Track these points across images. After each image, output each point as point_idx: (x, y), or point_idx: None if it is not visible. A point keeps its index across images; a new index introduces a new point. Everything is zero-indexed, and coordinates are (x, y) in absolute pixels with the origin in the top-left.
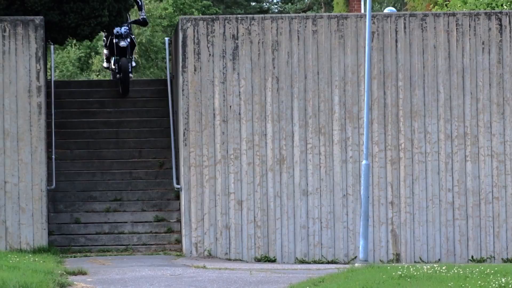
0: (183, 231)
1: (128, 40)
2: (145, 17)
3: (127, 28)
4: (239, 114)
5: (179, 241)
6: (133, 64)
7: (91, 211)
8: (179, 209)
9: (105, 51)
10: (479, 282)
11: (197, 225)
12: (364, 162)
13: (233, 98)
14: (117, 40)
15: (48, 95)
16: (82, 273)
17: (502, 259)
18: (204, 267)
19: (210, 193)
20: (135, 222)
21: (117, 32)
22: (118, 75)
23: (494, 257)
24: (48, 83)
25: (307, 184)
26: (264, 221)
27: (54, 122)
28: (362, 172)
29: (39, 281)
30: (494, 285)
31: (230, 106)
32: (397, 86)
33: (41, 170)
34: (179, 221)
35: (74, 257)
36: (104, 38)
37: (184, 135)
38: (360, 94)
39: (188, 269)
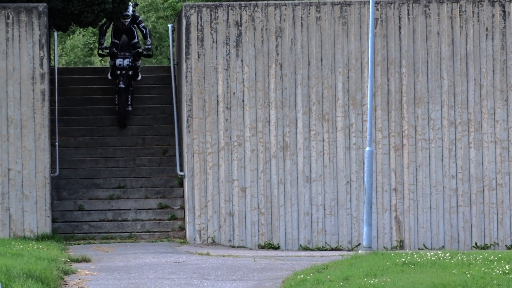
0: (187, 218)
1: (130, 72)
2: (150, 47)
3: (130, 61)
4: (243, 101)
5: (182, 228)
6: (139, 76)
7: (95, 198)
8: (182, 196)
9: (111, 63)
10: (483, 268)
11: (201, 212)
12: (367, 148)
13: (237, 84)
14: (119, 71)
15: (51, 82)
16: (86, 260)
17: (505, 245)
18: (207, 254)
19: (213, 180)
20: (138, 209)
21: (120, 65)
22: (116, 107)
23: (497, 244)
24: (51, 70)
25: (310, 171)
26: (268, 208)
27: (57, 109)
28: (366, 158)
29: (43, 268)
30: (498, 271)
31: (234, 93)
32: (400, 73)
33: (44, 157)
34: (182, 208)
35: (78, 244)
36: (111, 64)
37: (187, 122)
38: (364, 81)
39: (192, 256)
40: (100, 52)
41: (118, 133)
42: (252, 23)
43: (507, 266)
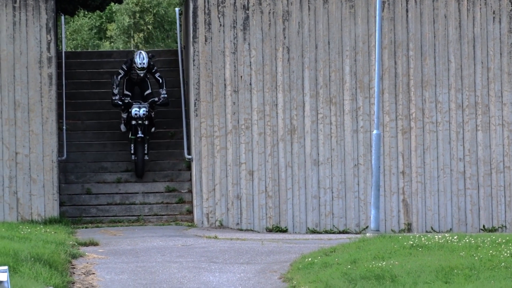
0: (195, 202)
1: (147, 122)
2: (166, 96)
3: (146, 110)
4: (250, 84)
5: (190, 212)
6: (152, 129)
7: (102, 181)
8: (190, 180)
9: (123, 115)
10: (491, 251)
11: (209, 195)
12: (375, 131)
13: (244, 68)
14: (135, 122)
15: (58, 66)
16: (94, 244)
17: None
18: (215, 237)
19: (221, 163)
20: (146, 192)
21: (136, 114)
22: (133, 156)
23: (505, 227)
24: (58, 54)
25: (318, 154)
26: (275, 191)
27: (65, 93)
28: (373, 142)
29: (51, 252)
30: (505, 254)
31: (241, 77)
32: (407, 56)
33: (52, 141)
34: (190, 191)
35: (86, 228)
36: (123, 115)
37: (195, 105)
38: (371, 64)
39: (200, 240)
40: (115, 102)
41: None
42: (259, 6)
43: None
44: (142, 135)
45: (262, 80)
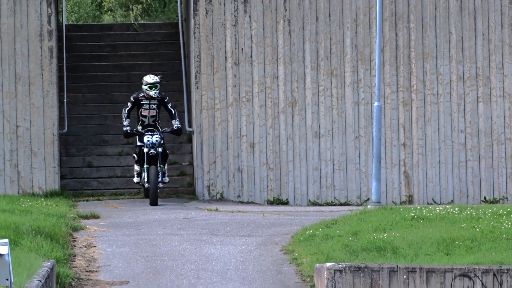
0: (196, 174)
1: (160, 149)
2: (179, 126)
3: (160, 137)
4: (251, 56)
5: (191, 184)
6: (166, 179)
7: (104, 154)
8: (191, 152)
9: (136, 167)
10: (492, 223)
11: (210, 168)
12: (376, 103)
13: (245, 41)
14: (147, 149)
15: (59, 39)
16: (95, 216)
17: None
18: (216, 210)
19: (222, 136)
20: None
21: (148, 141)
22: (147, 185)
23: (507, 198)
24: (59, 27)
25: (319, 126)
26: (277, 163)
27: (65, 66)
28: (374, 114)
29: (52, 225)
30: (507, 225)
31: (242, 49)
32: (408, 28)
33: (53, 114)
34: (191, 164)
35: (87, 201)
36: (135, 154)
37: (195, 78)
38: (372, 36)
39: (201, 212)
40: (126, 131)
41: (127, 90)
42: None
43: None
44: (155, 152)
45: (263, 52)
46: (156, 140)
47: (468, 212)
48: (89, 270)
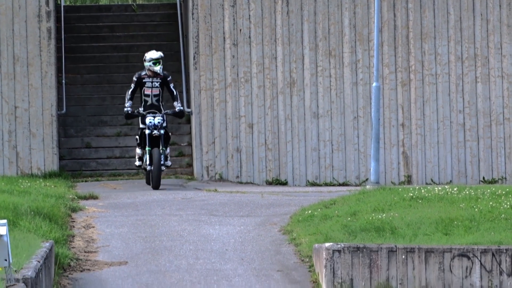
0: (194, 155)
1: (162, 131)
2: (181, 108)
3: (162, 119)
4: (249, 37)
5: (190, 165)
6: (168, 162)
7: (102, 135)
8: (190, 133)
9: (138, 150)
10: (491, 203)
11: (208, 148)
12: (374, 84)
13: (243, 21)
14: (149, 131)
15: (57, 20)
16: (94, 197)
17: None
18: (215, 190)
19: (220, 117)
20: None
21: (150, 122)
22: (149, 167)
23: (505, 178)
24: (57, 8)
25: (317, 107)
26: (275, 144)
27: (64, 47)
28: (373, 94)
29: (51, 206)
30: (505, 205)
31: (240, 30)
32: (407, 8)
33: (51, 95)
34: (190, 144)
35: (85, 181)
36: (137, 136)
37: (194, 58)
38: (370, 16)
39: (200, 193)
40: (128, 113)
41: (125, 70)
42: None
43: None
44: (158, 133)
45: (261, 33)
46: (158, 122)
47: (467, 192)
48: (87, 251)
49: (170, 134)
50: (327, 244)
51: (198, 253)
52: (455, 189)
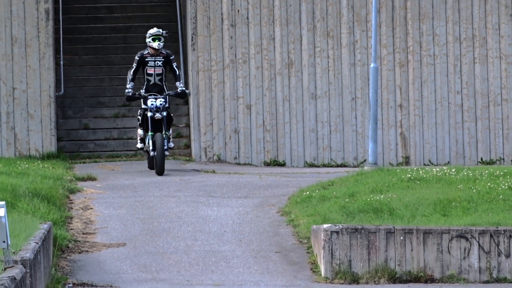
0: (192, 136)
1: (165, 113)
2: (183, 88)
3: (164, 101)
4: (247, 18)
5: (188, 146)
6: (171, 144)
7: (100, 116)
8: (187, 114)
9: (139, 131)
10: (489, 184)
11: (206, 129)
12: (372, 65)
13: (241, 2)
14: (151, 113)
15: (55, 1)
16: (92, 178)
17: (511, 161)
18: (213, 171)
19: (218, 98)
20: None
21: (152, 104)
22: (152, 153)
23: (503, 159)
24: None
25: (315, 88)
26: (273, 125)
27: (62, 28)
28: (371, 75)
29: (49, 187)
30: (503, 187)
31: (238, 10)
32: None
33: (49, 76)
34: (188, 126)
35: (83, 163)
36: (139, 116)
37: (192, 39)
38: None
39: (198, 174)
40: (129, 95)
41: (123, 51)
42: None
43: None
44: (160, 116)
45: (259, 14)
46: (160, 104)
47: (465, 173)
48: (86, 232)
49: (172, 115)
50: (325, 226)
51: (196, 234)
52: (453, 170)
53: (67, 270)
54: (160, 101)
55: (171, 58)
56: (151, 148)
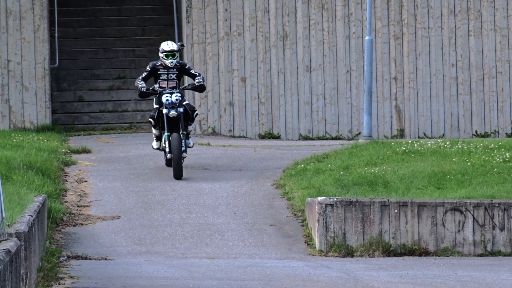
0: None
1: (181, 109)
2: (201, 81)
3: (180, 95)
4: None
5: None
6: (190, 143)
7: (95, 89)
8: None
9: (154, 130)
10: (483, 157)
11: (201, 102)
12: (367, 37)
13: None
14: (167, 110)
15: None
16: (86, 151)
17: (506, 133)
18: (208, 144)
19: (213, 70)
20: (138, 100)
21: (167, 100)
22: (169, 155)
23: (498, 132)
24: None
25: (310, 60)
26: (268, 97)
27: (56, 0)
28: (366, 47)
29: (43, 160)
30: (498, 159)
31: None
32: None
33: (44, 49)
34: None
35: (78, 135)
36: (151, 119)
37: (186, 12)
38: None
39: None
40: (141, 91)
41: (118, 24)
42: None
43: (507, 154)
44: (176, 113)
45: None
46: (176, 99)
47: (460, 146)
48: (80, 205)
49: (190, 110)
50: (319, 198)
51: (191, 207)
52: (447, 143)
53: (62, 243)
54: (176, 96)
55: (186, 67)
56: (167, 150)
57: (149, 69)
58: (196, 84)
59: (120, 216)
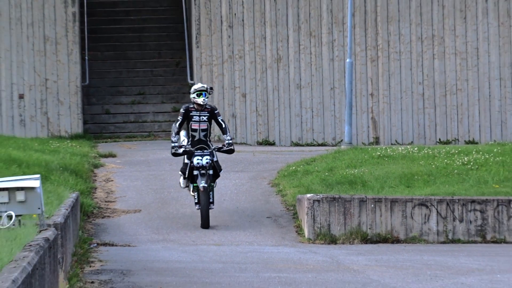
0: None
1: (211, 171)
2: (231, 142)
3: (210, 159)
4: (243, 20)
5: None
6: (212, 205)
7: (119, 103)
8: None
9: (181, 178)
10: (446, 160)
11: None
12: (348, 60)
13: (237, 6)
14: (196, 172)
15: (81, 5)
16: (112, 155)
17: (465, 141)
18: None
19: (219, 88)
20: (156, 112)
21: (198, 163)
22: (197, 206)
23: (458, 140)
24: None
25: (300, 79)
26: (265, 110)
27: (86, 29)
28: (346, 68)
29: (76, 163)
30: (458, 163)
31: (235, 14)
32: None
33: (76, 69)
34: None
35: (105, 142)
36: (181, 173)
37: (196, 38)
38: (344, 2)
39: None
40: (174, 151)
41: (138, 48)
42: None
43: (465, 158)
44: (206, 185)
45: (252, 16)
46: (207, 163)
47: (426, 151)
48: (107, 200)
49: (218, 170)
50: (308, 195)
51: None
52: (415, 148)
53: (92, 232)
54: (207, 159)
55: (216, 112)
56: (196, 201)
57: (183, 111)
58: (225, 148)
59: (141, 209)
